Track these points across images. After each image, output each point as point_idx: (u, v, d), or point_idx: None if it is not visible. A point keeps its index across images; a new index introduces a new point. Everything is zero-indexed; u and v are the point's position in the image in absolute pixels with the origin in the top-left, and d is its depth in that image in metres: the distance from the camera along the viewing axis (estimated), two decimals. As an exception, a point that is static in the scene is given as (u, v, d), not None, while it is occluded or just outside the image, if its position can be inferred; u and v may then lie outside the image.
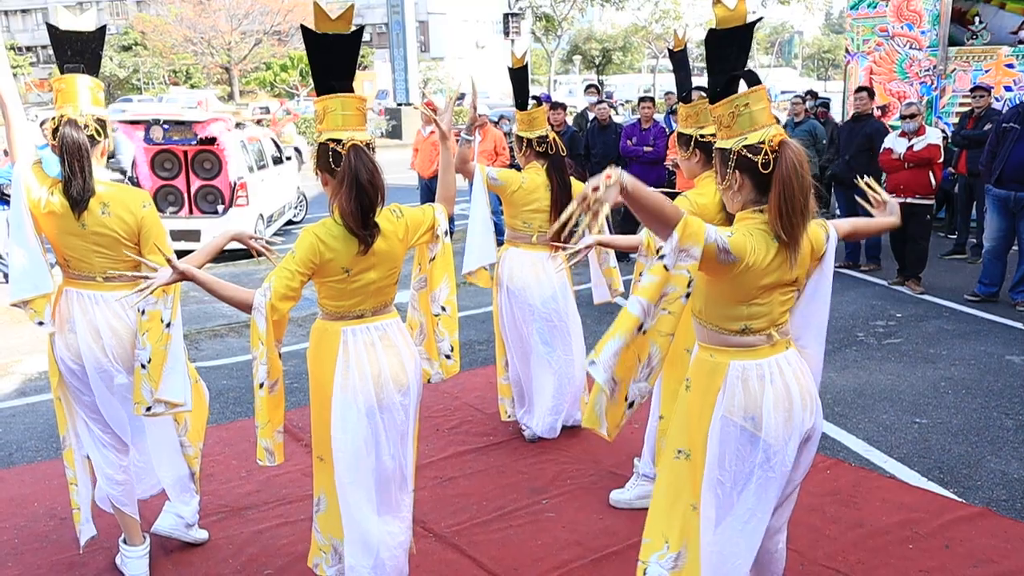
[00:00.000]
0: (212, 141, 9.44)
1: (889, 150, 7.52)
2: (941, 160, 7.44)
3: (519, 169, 4.38)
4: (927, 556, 3.32)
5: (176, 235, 8.29)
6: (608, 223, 2.86)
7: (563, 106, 9.86)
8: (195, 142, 9.46)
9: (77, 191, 2.87)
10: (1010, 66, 9.93)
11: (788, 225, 2.20)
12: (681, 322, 2.26)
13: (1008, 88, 9.90)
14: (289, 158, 12.48)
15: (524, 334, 4.35)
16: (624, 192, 2.02)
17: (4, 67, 2.88)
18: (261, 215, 10.01)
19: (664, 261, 2.13)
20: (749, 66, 2.35)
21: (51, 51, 2.99)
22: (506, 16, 30.68)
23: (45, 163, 3.07)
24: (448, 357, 3.04)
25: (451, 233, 3.03)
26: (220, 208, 9.59)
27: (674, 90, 4.84)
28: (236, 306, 2.54)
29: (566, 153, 4.36)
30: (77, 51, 2.93)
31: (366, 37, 34.26)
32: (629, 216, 8.42)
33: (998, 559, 3.29)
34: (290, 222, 11.85)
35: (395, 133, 27.00)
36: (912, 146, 7.32)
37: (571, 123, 10.25)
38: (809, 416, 2.35)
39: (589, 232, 2.26)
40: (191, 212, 9.75)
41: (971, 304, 7.06)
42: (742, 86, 2.28)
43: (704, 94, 2.65)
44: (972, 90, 8.78)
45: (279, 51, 44.48)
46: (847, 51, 11.64)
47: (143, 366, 2.92)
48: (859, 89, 8.64)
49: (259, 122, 16.97)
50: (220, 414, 4.92)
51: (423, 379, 2.94)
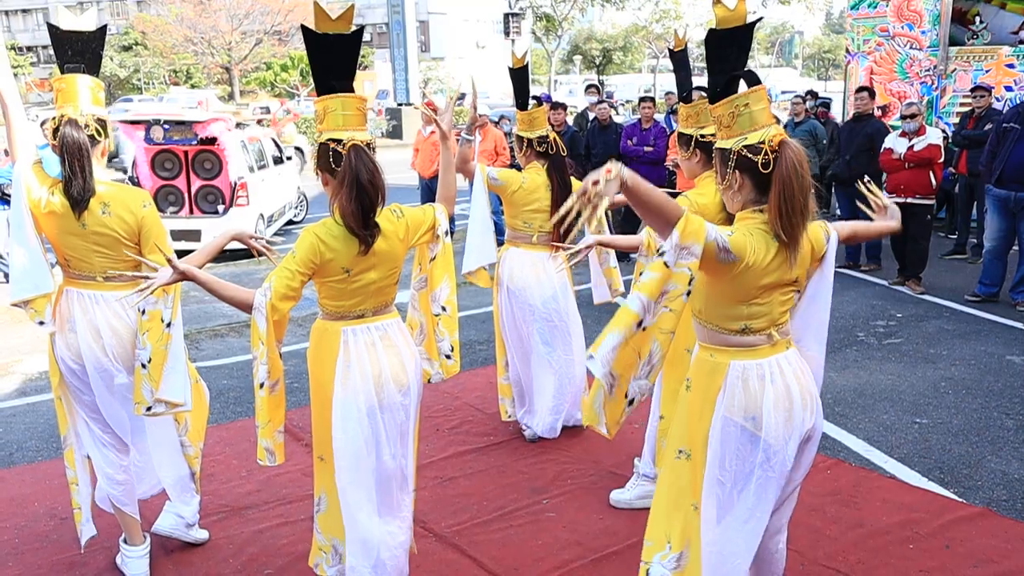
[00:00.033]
0: (212, 141, 9.44)
1: (889, 150, 7.51)
2: (941, 160, 7.44)
3: (519, 169, 4.38)
4: (927, 556, 3.32)
5: (176, 235, 8.29)
6: (608, 223, 2.87)
7: (563, 106, 9.85)
8: (195, 142, 9.46)
9: (77, 191, 2.87)
10: (1011, 66, 9.93)
11: (788, 225, 2.20)
12: (682, 322, 2.26)
13: (1008, 88, 9.90)
14: (290, 158, 12.48)
15: (524, 334, 4.36)
16: (624, 187, 2.02)
17: (4, 67, 2.88)
18: (261, 215, 10.01)
19: (665, 258, 2.13)
20: (749, 66, 2.35)
21: (52, 51, 2.99)
22: (506, 16, 30.69)
23: (45, 163, 3.07)
24: (448, 357, 3.04)
25: (451, 233, 3.03)
26: (220, 208, 9.59)
27: (674, 90, 4.84)
28: (236, 306, 2.55)
29: (566, 153, 4.35)
30: (78, 51, 2.93)
31: (366, 37, 34.35)
32: (629, 216, 8.45)
33: (998, 559, 3.29)
34: (290, 222, 11.85)
35: (395, 133, 27.00)
36: (912, 146, 7.32)
37: (571, 123, 10.25)
38: (809, 416, 2.35)
39: (588, 228, 2.27)
40: (191, 212, 9.75)
41: (971, 304, 7.06)
42: (742, 86, 2.28)
43: (704, 94, 2.65)
44: (973, 90, 8.78)
45: (279, 51, 44.48)
46: (847, 51, 11.64)
47: (143, 366, 2.92)
48: (860, 89, 8.64)
49: (260, 122, 16.94)
50: (220, 414, 4.92)
51: (423, 379, 2.94)
